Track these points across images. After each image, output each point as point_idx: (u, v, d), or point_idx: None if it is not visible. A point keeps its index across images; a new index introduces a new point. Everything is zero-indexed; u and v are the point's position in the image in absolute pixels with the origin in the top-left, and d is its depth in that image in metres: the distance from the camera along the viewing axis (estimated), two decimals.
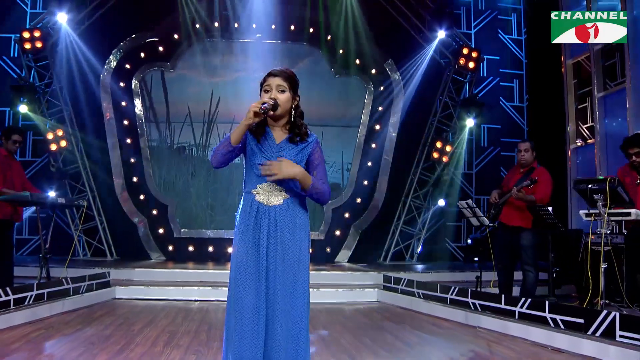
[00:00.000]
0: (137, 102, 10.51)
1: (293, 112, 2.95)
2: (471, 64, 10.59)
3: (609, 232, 4.95)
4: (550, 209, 5.65)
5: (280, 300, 2.74)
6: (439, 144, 10.65)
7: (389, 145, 11.04)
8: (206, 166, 10.64)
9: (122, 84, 10.38)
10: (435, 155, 10.62)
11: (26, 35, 9.31)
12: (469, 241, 11.24)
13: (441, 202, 10.89)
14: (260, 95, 2.94)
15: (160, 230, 10.40)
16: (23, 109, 9.20)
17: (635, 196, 5.56)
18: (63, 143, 9.59)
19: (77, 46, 9.85)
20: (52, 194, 8.68)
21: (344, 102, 11.07)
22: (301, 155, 2.89)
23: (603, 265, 4.95)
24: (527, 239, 6.12)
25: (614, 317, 4.19)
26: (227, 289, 2.84)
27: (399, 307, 7.13)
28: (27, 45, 9.30)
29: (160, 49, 10.54)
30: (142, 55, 10.50)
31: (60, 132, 9.58)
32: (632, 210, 4.95)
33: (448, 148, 10.64)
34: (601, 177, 5.11)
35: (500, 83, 11.80)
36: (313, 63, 11.04)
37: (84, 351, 4.21)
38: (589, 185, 5.03)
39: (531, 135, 11.56)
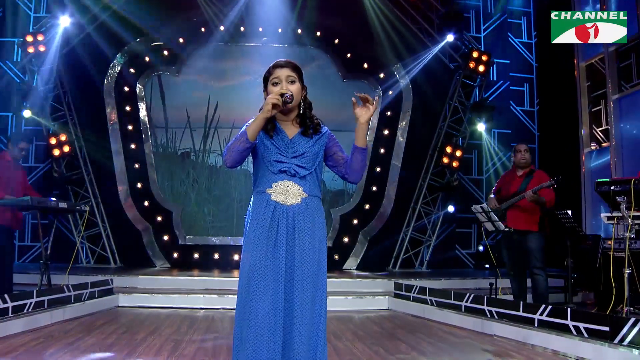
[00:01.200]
0: (142, 107, 10.38)
1: (302, 103, 2.76)
2: (481, 68, 10.42)
3: (633, 235, 4.73)
4: (570, 212, 5.44)
5: (298, 307, 2.55)
6: (448, 149, 10.45)
7: (398, 150, 10.85)
8: (210, 172, 10.47)
9: (126, 89, 10.25)
10: (445, 160, 10.42)
11: (29, 39, 9.20)
12: (480, 248, 11.02)
13: (450, 209, 10.68)
14: (265, 90, 2.76)
15: (165, 237, 10.21)
16: (27, 113, 9.07)
17: None
18: (66, 148, 9.44)
19: (80, 50, 9.72)
20: (53, 199, 8.59)
21: (352, 106, 10.83)
22: (318, 146, 2.75)
23: (627, 271, 4.72)
24: (534, 241, 5.99)
25: None
26: (234, 297, 2.65)
27: (410, 315, 6.90)
28: (31, 50, 9.19)
29: (165, 53, 10.41)
30: (147, 59, 10.36)
31: (63, 137, 9.43)
32: None
33: (458, 153, 10.43)
34: (624, 178, 4.89)
35: (511, 87, 11.62)
36: (320, 67, 10.90)
37: None
38: (612, 187, 4.81)
39: (542, 140, 11.37)
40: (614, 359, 4.07)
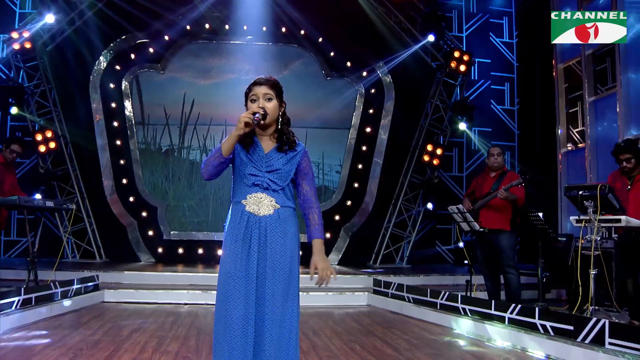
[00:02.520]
0: (127, 104, 10.47)
1: (280, 119, 2.91)
2: (462, 67, 10.63)
3: (599, 238, 4.96)
4: (540, 214, 5.67)
5: (269, 310, 2.70)
6: (429, 147, 10.66)
7: (380, 147, 11.05)
8: (195, 169, 10.61)
9: (112, 85, 10.34)
10: (426, 158, 10.63)
11: (15, 35, 9.23)
12: (461, 244, 11.28)
13: (429, 206, 10.89)
14: (246, 105, 2.91)
15: (150, 232, 10.35)
16: (14, 110, 9.13)
17: (625, 202, 5.59)
18: (52, 145, 9.51)
19: (66, 47, 9.77)
20: (38, 196, 8.68)
21: (335, 104, 11.06)
22: (290, 165, 2.87)
23: (593, 272, 4.96)
24: (505, 240, 6.24)
25: (604, 324, 4.19)
26: (216, 292, 2.83)
27: (389, 311, 7.12)
28: (16, 46, 9.24)
29: (151, 50, 10.50)
30: (133, 56, 10.45)
31: (49, 134, 9.50)
32: (623, 217, 4.97)
33: (439, 151, 10.65)
34: (592, 184, 5.12)
35: (492, 86, 11.85)
36: (304, 65, 11.04)
37: (73, 357, 4.17)
38: (580, 192, 5.05)
39: (522, 139, 11.62)
40: (577, 357, 4.30)
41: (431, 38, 10.60)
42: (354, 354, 4.63)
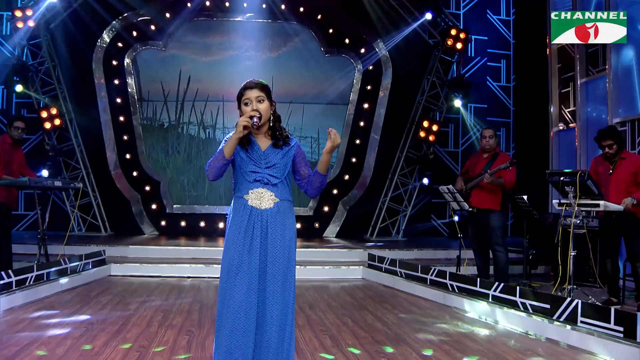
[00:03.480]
0: (130, 81, 10.67)
1: (271, 117, 3.15)
2: (459, 45, 10.78)
3: (579, 222, 5.26)
4: (525, 197, 5.96)
5: (270, 295, 3.00)
6: (425, 123, 10.89)
7: (377, 123, 11.29)
8: (194, 144, 10.88)
9: (114, 62, 10.54)
10: (422, 134, 10.88)
11: (18, 14, 9.37)
12: (456, 218, 11.60)
13: (425, 181, 11.18)
14: (239, 108, 3.13)
15: (153, 206, 10.69)
16: (19, 88, 9.33)
17: (607, 185, 5.86)
18: (57, 121, 9.76)
19: (69, 25, 9.94)
20: (45, 172, 8.98)
21: (334, 80, 11.26)
22: (286, 158, 3.14)
23: (572, 253, 5.27)
24: (495, 220, 6.52)
25: (577, 304, 4.52)
26: (218, 266, 3.14)
27: (382, 285, 7.47)
28: (20, 24, 9.38)
29: (152, 27, 10.66)
30: (135, 34, 10.63)
31: (54, 111, 9.74)
32: (601, 202, 5.24)
33: (435, 127, 10.88)
34: (572, 171, 5.38)
35: (488, 63, 12.01)
36: (303, 42, 11.19)
37: (85, 332, 4.52)
38: (561, 178, 5.32)
39: (517, 115, 11.84)
40: (552, 333, 4.65)
41: (428, 16, 10.73)
42: (345, 328, 4.97)
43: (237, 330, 2.94)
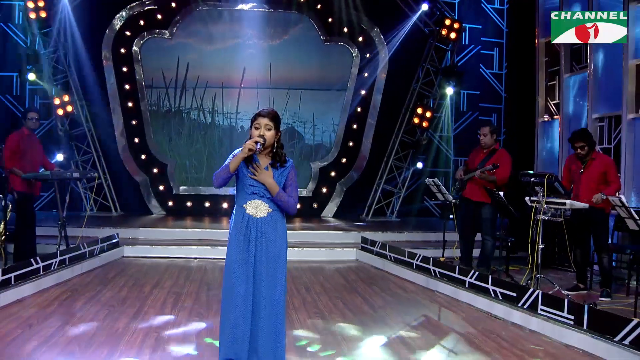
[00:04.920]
0: (138, 68, 11.20)
1: (276, 144, 3.73)
2: (453, 35, 11.24)
3: (546, 218, 5.86)
4: (502, 193, 6.54)
5: (264, 288, 3.63)
6: (419, 110, 11.42)
7: (374, 109, 11.85)
8: (196, 128, 11.51)
9: (122, 50, 11.05)
10: (416, 120, 11.42)
11: (30, 5, 9.80)
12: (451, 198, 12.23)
13: (419, 165, 11.77)
14: (250, 129, 3.71)
15: (161, 188, 11.36)
16: (31, 76, 9.82)
17: (578, 183, 6.46)
18: (69, 108, 10.31)
19: (79, 14, 10.40)
20: (60, 156, 9.59)
21: (333, 68, 11.79)
22: (281, 177, 3.73)
23: (540, 246, 5.88)
24: (487, 212, 7.09)
25: (538, 294, 5.15)
26: (223, 248, 3.80)
27: (373, 267, 8.13)
28: (32, 15, 9.82)
29: (159, 16, 11.14)
30: (142, 22, 11.11)
31: (66, 98, 10.27)
32: (567, 201, 5.81)
33: (428, 114, 11.41)
34: (541, 173, 5.96)
35: (481, 51, 12.46)
36: (304, 30, 11.68)
37: (108, 313, 5.17)
38: (532, 179, 5.91)
39: (507, 102, 12.34)
40: (517, 319, 5.29)
41: (425, 7, 11.18)
42: (336, 310, 5.62)
43: (238, 315, 3.58)
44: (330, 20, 11.59)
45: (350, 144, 11.94)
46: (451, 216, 7.81)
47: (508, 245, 7.61)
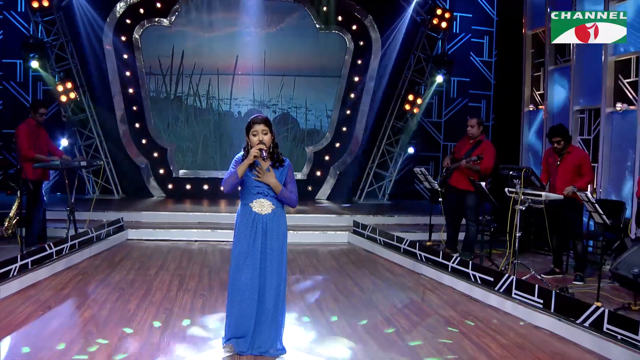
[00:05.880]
0: (138, 55, 11.53)
1: (272, 145, 4.16)
2: (444, 24, 11.58)
3: (523, 208, 6.34)
4: (483, 184, 7.01)
5: (269, 277, 4.11)
6: (410, 97, 11.84)
7: (367, 95, 12.26)
8: (198, 114, 11.93)
9: (123, 38, 11.37)
10: (407, 107, 11.86)
11: None
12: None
13: (410, 150, 12.22)
14: (247, 136, 4.12)
15: (161, 171, 11.79)
16: (34, 64, 10.13)
17: (555, 175, 6.92)
18: (72, 95, 10.66)
19: (82, 2, 10.70)
20: (64, 142, 9.98)
21: (327, 55, 12.15)
22: (282, 176, 4.18)
23: (517, 234, 6.36)
24: (471, 200, 7.56)
25: (512, 279, 5.65)
26: (222, 231, 4.77)
27: (364, 250, 8.62)
28: (35, 4, 10.10)
29: (158, 5, 11.42)
30: (142, 11, 11.40)
31: (69, 85, 10.62)
32: (543, 193, 6.28)
33: (419, 101, 11.83)
34: (519, 167, 6.43)
35: (472, 39, 12.81)
36: (299, 19, 12.00)
37: (119, 296, 5.64)
38: (510, 172, 6.38)
39: (496, 89, 12.75)
40: (494, 302, 5.79)
41: None
42: (329, 292, 6.11)
43: (244, 303, 4.07)
44: (325, 9, 11.88)
45: (344, 129, 12.36)
46: (440, 199, 8.23)
47: (491, 230, 8.14)
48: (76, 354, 4.08)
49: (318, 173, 12.39)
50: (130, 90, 11.53)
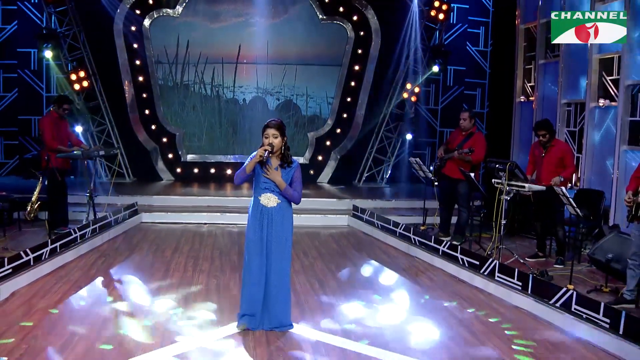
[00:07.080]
0: (147, 45, 12.02)
1: (283, 147, 4.72)
2: (441, 16, 12.04)
3: (508, 198, 6.93)
4: (472, 175, 7.58)
5: (274, 262, 4.71)
6: (408, 85, 12.34)
7: (366, 83, 12.78)
8: (205, 101, 12.53)
9: (133, 28, 11.85)
10: (405, 95, 12.37)
11: None
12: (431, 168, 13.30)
13: (408, 136, 12.78)
14: (262, 138, 4.68)
15: (170, 155, 12.37)
16: (48, 54, 10.61)
17: (540, 166, 7.47)
18: (85, 83, 11.16)
19: None
20: (79, 128, 10.52)
21: (329, 45, 12.66)
22: (288, 176, 4.74)
23: (503, 221, 6.95)
24: (463, 188, 8.13)
25: (495, 263, 6.25)
26: (230, 214, 5.87)
27: (363, 233, 9.21)
28: None
29: None
30: (150, 1, 11.83)
31: (82, 74, 11.12)
32: (526, 185, 6.85)
33: (417, 89, 12.33)
34: (504, 160, 6.98)
35: (468, 29, 13.29)
36: (302, 9, 12.48)
37: (141, 276, 6.26)
38: (496, 165, 6.95)
39: (491, 79, 13.25)
40: (478, 284, 6.39)
41: None
42: (330, 274, 6.69)
43: (253, 285, 4.68)
44: (327, 0, 12.35)
45: (345, 115, 12.90)
46: (436, 183, 8.77)
47: (481, 216, 8.74)
48: (114, 325, 4.70)
49: (320, 157, 12.96)
50: (140, 78, 12.05)
